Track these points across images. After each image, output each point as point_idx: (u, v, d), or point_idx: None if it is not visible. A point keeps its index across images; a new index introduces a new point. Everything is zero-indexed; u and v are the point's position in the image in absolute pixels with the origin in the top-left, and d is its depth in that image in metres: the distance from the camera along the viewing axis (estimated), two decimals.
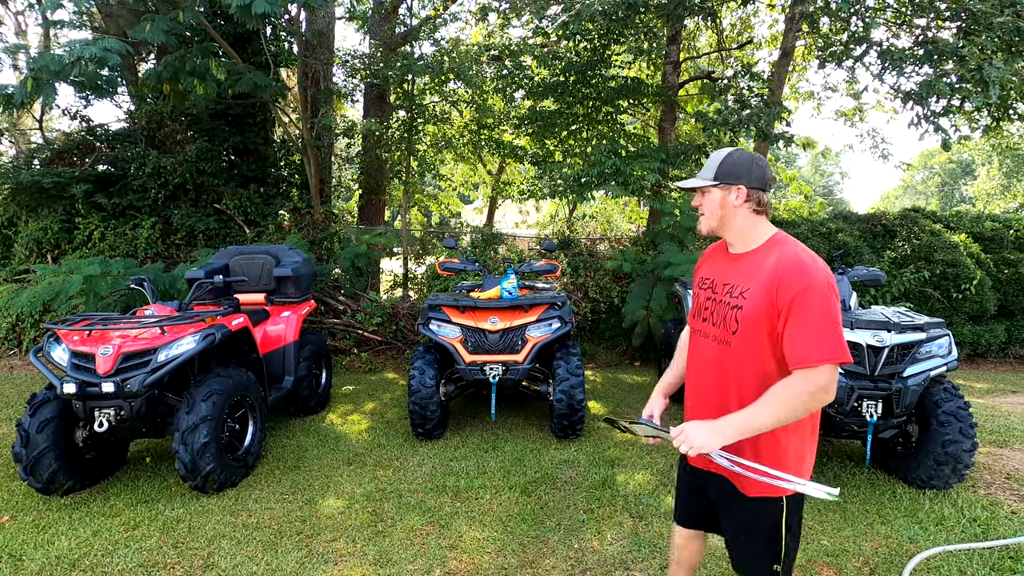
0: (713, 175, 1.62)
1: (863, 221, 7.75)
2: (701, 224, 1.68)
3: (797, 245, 1.54)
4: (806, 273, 1.44)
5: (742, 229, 1.62)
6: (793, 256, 1.49)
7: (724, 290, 1.63)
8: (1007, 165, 22.86)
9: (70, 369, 3.15)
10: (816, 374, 1.40)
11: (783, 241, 1.57)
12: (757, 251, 1.60)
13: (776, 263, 1.50)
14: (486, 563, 2.68)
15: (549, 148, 8.53)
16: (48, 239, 7.15)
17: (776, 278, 1.48)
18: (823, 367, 1.40)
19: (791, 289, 1.44)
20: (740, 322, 1.54)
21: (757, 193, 1.58)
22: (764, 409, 1.44)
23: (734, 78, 7.47)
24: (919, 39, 5.85)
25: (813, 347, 1.40)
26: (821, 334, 1.40)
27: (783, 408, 1.42)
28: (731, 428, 1.45)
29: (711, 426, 1.47)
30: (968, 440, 3.25)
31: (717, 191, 1.62)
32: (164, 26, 5.43)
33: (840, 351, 1.40)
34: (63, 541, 2.83)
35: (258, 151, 8.17)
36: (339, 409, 4.95)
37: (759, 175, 1.59)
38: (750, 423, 1.45)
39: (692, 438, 1.47)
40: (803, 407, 1.42)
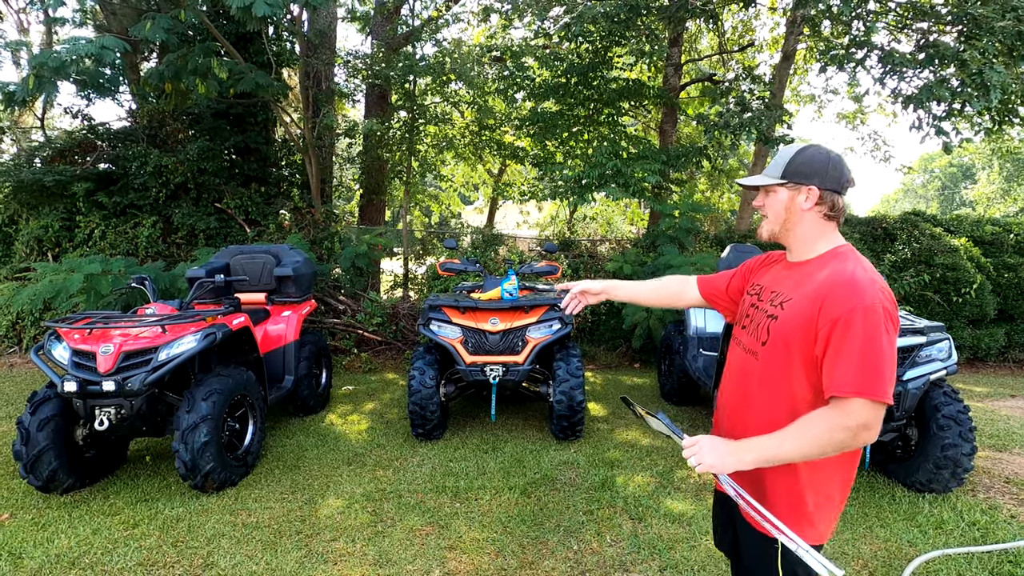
0: (781, 172, 1.42)
1: (863, 224, 7.75)
2: (762, 228, 1.50)
3: (860, 262, 1.33)
4: (857, 294, 1.24)
5: (806, 236, 1.43)
6: (847, 273, 1.29)
7: (768, 298, 1.47)
8: (1007, 169, 22.88)
9: (71, 367, 3.15)
10: (851, 407, 1.20)
11: (844, 255, 1.37)
12: (813, 261, 1.42)
13: (827, 278, 1.32)
14: (485, 564, 2.68)
15: (550, 149, 8.54)
16: (49, 237, 7.15)
17: (822, 295, 1.29)
18: (858, 401, 1.20)
19: (836, 309, 1.25)
20: (771, 333, 1.39)
21: (831, 196, 1.39)
22: (791, 438, 1.26)
23: (735, 81, 7.48)
24: (920, 43, 5.85)
25: (851, 376, 1.21)
26: (863, 363, 1.21)
27: (812, 441, 1.24)
28: (751, 453, 1.29)
29: (729, 447, 1.31)
30: (967, 444, 3.25)
31: (784, 191, 1.43)
32: (165, 24, 5.43)
33: (879, 387, 1.19)
34: (63, 539, 2.83)
35: (259, 151, 8.18)
36: (339, 409, 4.95)
37: (836, 175, 1.38)
38: (772, 451, 1.27)
39: (704, 454, 1.31)
40: (835, 443, 1.22)
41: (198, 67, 6.00)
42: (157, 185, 7.33)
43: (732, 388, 1.52)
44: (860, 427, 1.21)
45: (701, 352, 4.73)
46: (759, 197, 1.51)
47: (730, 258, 4.99)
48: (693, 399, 5.15)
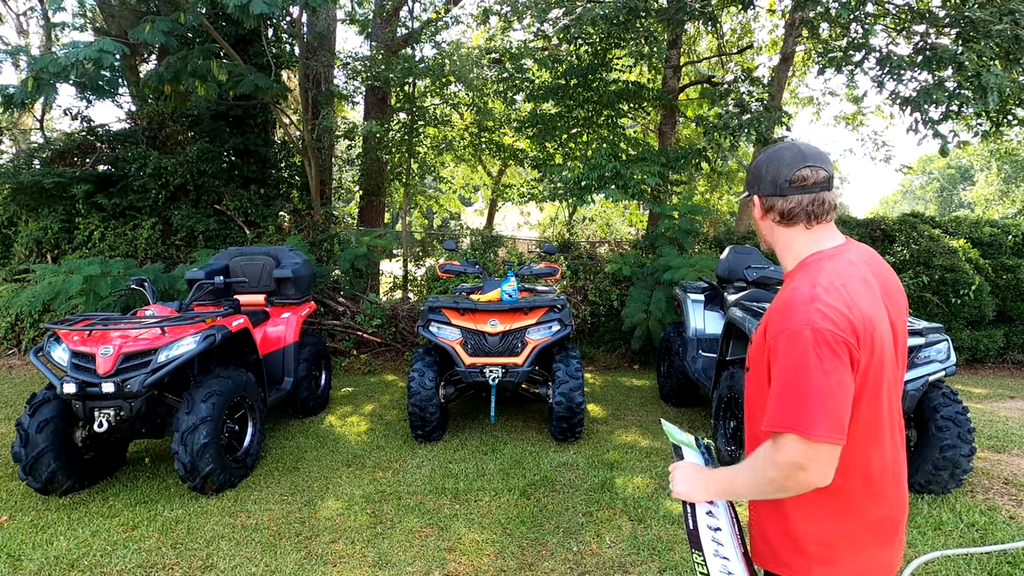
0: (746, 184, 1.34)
1: (862, 226, 7.76)
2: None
3: (818, 274, 1.16)
4: (785, 317, 1.12)
5: (779, 248, 1.31)
6: (787, 292, 1.18)
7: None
8: (1005, 171, 22.94)
9: (70, 369, 3.15)
10: (781, 443, 1.08)
11: (807, 266, 1.22)
12: (788, 275, 1.29)
13: (777, 297, 1.22)
14: (485, 565, 2.68)
15: (549, 151, 8.56)
16: (48, 239, 7.15)
17: (768, 316, 1.21)
18: (787, 436, 1.06)
19: (771, 332, 1.16)
20: (749, 359, 1.33)
21: (772, 201, 1.25)
22: (741, 473, 1.19)
23: (734, 83, 7.50)
24: (918, 46, 5.87)
25: (775, 408, 1.09)
26: (786, 394, 1.08)
27: (752, 478, 1.15)
28: (715, 484, 1.24)
29: (700, 477, 1.27)
30: (966, 445, 3.25)
31: (749, 204, 1.34)
32: (165, 27, 5.44)
33: (806, 421, 1.04)
34: (62, 541, 2.83)
35: (259, 152, 8.18)
36: (338, 411, 4.95)
37: (771, 176, 1.24)
38: (729, 484, 1.22)
39: (676, 480, 1.28)
40: (769, 481, 1.10)
41: (197, 69, 6.01)
42: (156, 187, 7.34)
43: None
44: (791, 465, 1.06)
45: (700, 353, 4.74)
46: None
47: (729, 259, 5.00)
48: (692, 400, 5.15)
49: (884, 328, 1.16)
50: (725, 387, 3.76)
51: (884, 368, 1.16)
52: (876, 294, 1.19)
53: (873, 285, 1.19)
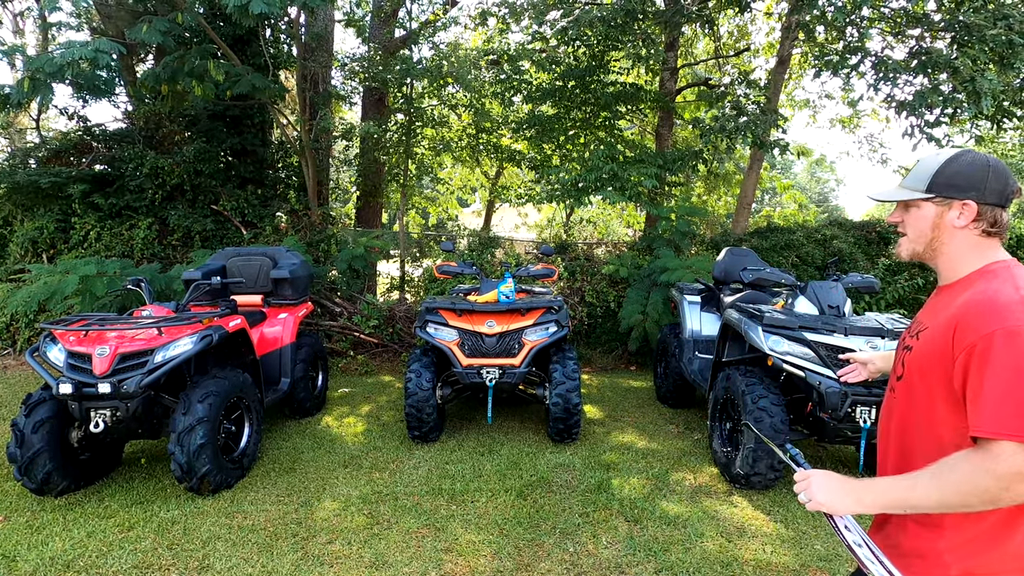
0: (927, 185, 1.22)
1: (858, 228, 7.80)
2: (901, 247, 1.31)
3: (1014, 279, 1.11)
4: (996, 315, 1.05)
5: (957, 256, 1.22)
6: (990, 291, 1.10)
7: (913, 330, 1.30)
8: None
9: (66, 369, 3.14)
10: (999, 451, 0.99)
11: (995, 272, 1.16)
12: (959, 283, 1.22)
13: (968, 298, 1.13)
14: (482, 566, 2.69)
15: (547, 152, 8.57)
16: (44, 239, 7.13)
17: (956, 318, 1.11)
18: (1008, 444, 0.98)
19: (971, 334, 1.06)
20: (906, 366, 1.23)
21: (993, 211, 1.17)
22: (926, 482, 1.07)
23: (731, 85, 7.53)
24: (913, 50, 5.91)
25: (993, 412, 1.00)
26: (1009, 398, 0.99)
27: (951, 488, 1.03)
28: (872, 495, 1.12)
29: (846, 486, 1.16)
30: None
31: (930, 207, 1.23)
32: (162, 27, 5.44)
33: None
34: (57, 542, 2.82)
35: (256, 152, 8.17)
36: (335, 411, 4.95)
37: (998, 187, 1.17)
38: (902, 496, 1.09)
39: (815, 490, 1.17)
40: (980, 493, 1.01)
41: (195, 69, 6.00)
42: (153, 187, 7.32)
43: (880, 429, 1.35)
44: (1013, 476, 0.98)
45: (697, 355, 4.75)
46: (896, 213, 1.31)
47: (725, 261, 5.02)
48: (689, 401, 5.16)
49: None
50: (721, 388, 3.77)
51: None
52: None
53: None
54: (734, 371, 3.66)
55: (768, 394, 3.39)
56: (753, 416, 3.32)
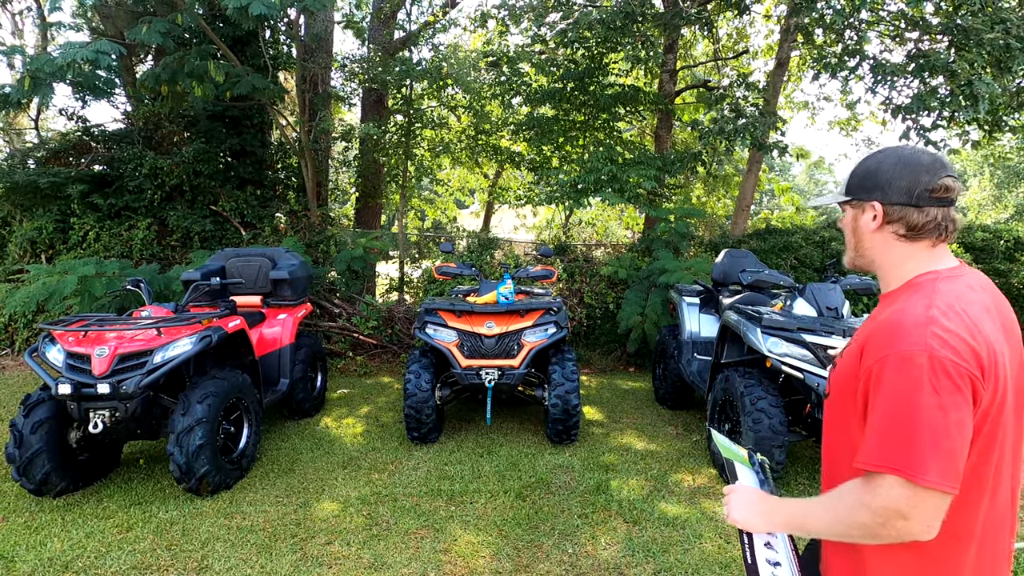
0: (846, 187, 1.17)
1: None
2: (844, 255, 1.25)
3: (935, 295, 1.02)
4: (895, 338, 0.98)
5: (888, 264, 1.14)
6: (900, 311, 1.02)
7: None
8: (998, 176, 23.13)
9: (65, 370, 3.14)
10: (880, 486, 0.94)
11: (920, 285, 1.07)
12: (890, 295, 1.14)
13: (884, 316, 1.06)
14: (481, 567, 2.69)
15: (546, 154, 8.58)
16: (43, 239, 7.12)
17: (868, 336, 1.06)
18: (887, 478, 0.93)
19: (870, 358, 1.01)
20: (832, 384, 1.18)
21: (902, 211, 1.08)
22: (818, 510, 1.05)
23: (730, 87, 7.55)
24: (911, 53, 5.94)
25: (874, 444, 0.96)
26: (890, 429, 0.94)
27: (835, 517, 1.01)
28: (780, 515, 1.12)
29: (763, 505, 1.15)
30: None
31: (849, 210, 1.18)
32: (162, 28, 5.44)
33: (913, 462, 0.91)
34: (56, 543, 2.82)
35: (255, 153, 8.17)
36: (334, 412, 4.94)
37: (904, 184, 1.07)
38: (799, 520, 1.08)
39: (734, 506, 1.17)
40: (858, 526, 0.97)
41: (195, 70, 6.00)
42: (152, 187, 7.32)
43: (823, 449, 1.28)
44: (890, 512, 0.93)
45: (695, 356, 4.76)
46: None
47: (724, 263, 5.03)
48: (687, 403, 5.17)
49: (1005, 364, 1.00)
50: (720, 390, 3.78)
51: (1004, 411, 1.00)
52: (998, 326, 1.03)
53: (995, 316, 1.04)
54: (733, 372, 3.67)
55: (767, 395, 3.40)
56: (752, 417, 3.33)
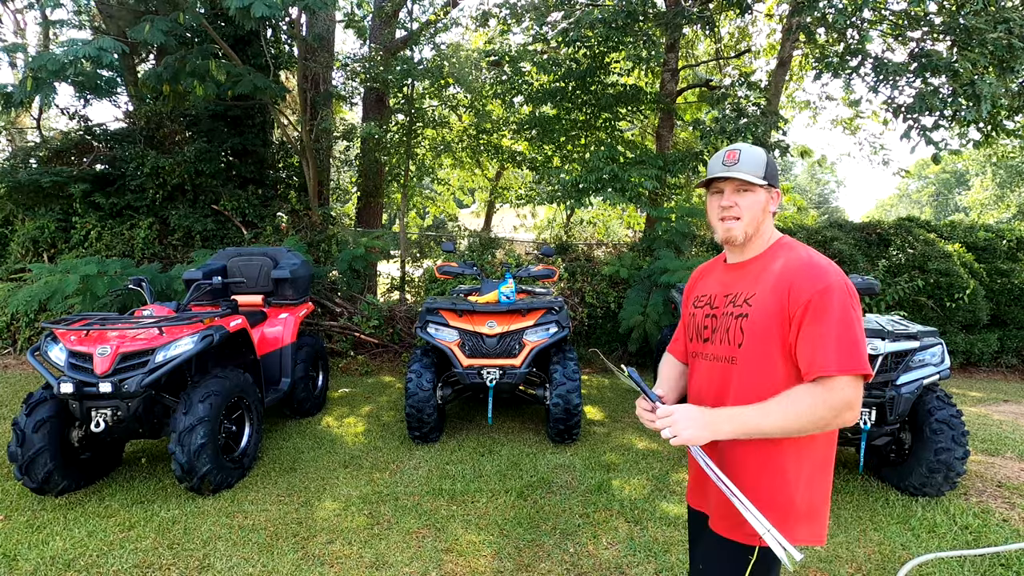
0: (763, 173, 1.40)
1: (858, 230, 7.81)
2: (735, 230, 1.42)
3: (808, 248, 1.39)
4: (823, 275, 1.28)
5: (763, 232, 1.44)
6: (804, 258, 1.34)
7: (725, 302, 1.44)
8: (1000, 176, 23.09)
9: (67, 369, 3.15)
10: (836, 386, 1.22)
11: (791, 244, 1.42)
12: (762, 256, 1.43)
13: (785, 265, 1.34)
14: (482, 566, 2.69)
15: (547, 153, 8.57)
16: (45, 238, 7.13)
17: (787, 280, 1.31)
18: (843, 379, 1.22)
19: (806, 292, 1.27)
20: (746, 332, 1.35)
21: (779, 196, 1.46)
22: (775, 410, 1.24)
23: (732, 87, 7.54)
24: (913, 53, 5.92)
25: (832, 355, 1.22)
26: (841, 341, 1.23)
27: (797, 416, 1.23)
28: (727, 424, 1.27)
29: (705, 417, 1.28)
30: (960, 448, 3.28)
31: (763, 193, 1.41)
32: (164, 27, 5.45)
33: (862, 362, 1.22)
34: (58, 541, 2.82)
35: (257, 153, 8.18)
36: (335, 412, 4.95)
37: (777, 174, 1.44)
38: (755, 422, 1.25)
39: (681, 428, 1.27)
40: (818, 420, 1.23)
41: (196, 69, 6.01)
42: (154, 186, 7.33)
43: (708, 404, 1.43)
44: (844, 405, 1.22)
45: None
46: (728, 195, 1.42)
47: None
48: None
49: None
50: None
51: None
52: None
53: None
54: None
55: None
56: None
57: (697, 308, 1.54)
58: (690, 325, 1.57)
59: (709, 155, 7.17)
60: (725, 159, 1.41)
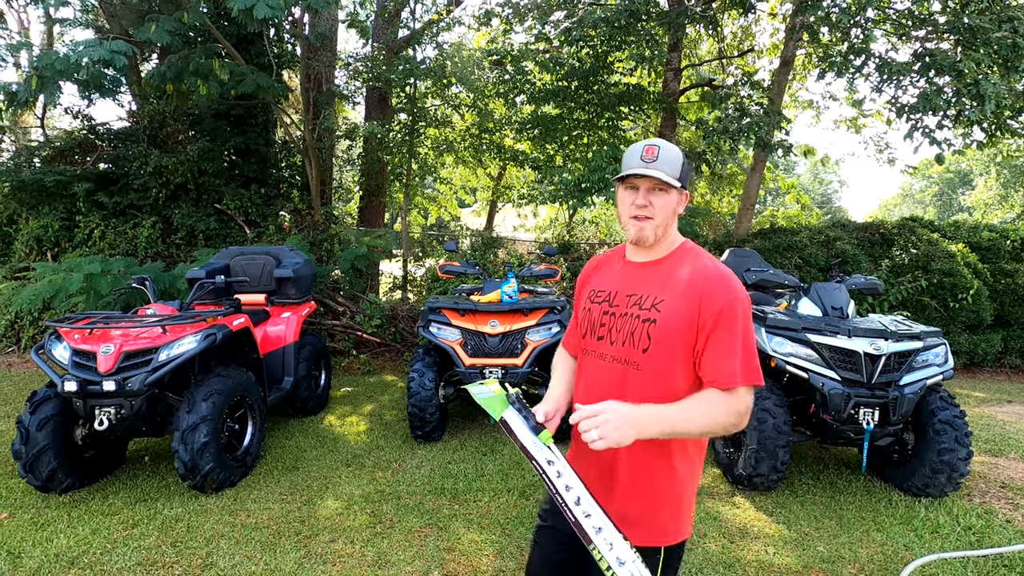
0: (678, 175, 1.37)
1: (861, 230, 7.79)
2: (647, 230, 1.38)
3: (710, 256, 1.41)
4: (731, 288, 1.31)
5: (668, 233, 1.42)
6: (714, 268, 1.35)
7: (629, 302, 1.40)
8: (1005, 175, 23.00)
9: (71, 367, 3.16)
10: (740, 394, 1.28)
11: (695, 250, 1.42)
12: (668, 259, 1.41)
13: (694, 274, 1.35)
14: (484, 566, 2.69)
15: (550, 153, 8.57)
16: (48, 237, 7.15)
17: (698, 289, 1.32)
18: (743, 389, 1.28)
19: (716, 303, 1.29)
20: (653, 338, 1.33)
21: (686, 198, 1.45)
22: (696, 412, 1.26)
23: (735, 86, 7.52)
24: (917, 52, 5.90)
25: (739, 366, 1.27)
26: (745, 353, 1.28)
27: (712, 419, 1.26)
28: (655, 425, 1.22)
29: (634, 418, 1.20)
30: (963, 449, 3.27)
31: (676, 194, 1.39)
32: (168, 27, 5.46)
33: (760, 374, 1.30)
34: (62, 539, 2.83)
35: (259, 152, 8.19)
36: (337, 410, 4.96)
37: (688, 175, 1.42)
38: (679, 423, 1.24)
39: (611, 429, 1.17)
40: (727, 425, 1.28)
41: (200, 68, 6.02)
42: (157, 186, 7.34)
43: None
44: (746, 411, 1.29)
45: None
46: (644, 194, 1.37)
47: (728, 262, 5.01)
48: None
49: None
50: None
51: None
52: None
53: None
54: None
55: (771, 395, 3.39)
56: (756, 417, 3.32)
57: (594, 303, 1.48)
58: (584, 320, 1.49)
59: (712, 155, 7.16)
60: (644, 154, 1.36)
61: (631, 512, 1.36)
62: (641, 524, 1.35)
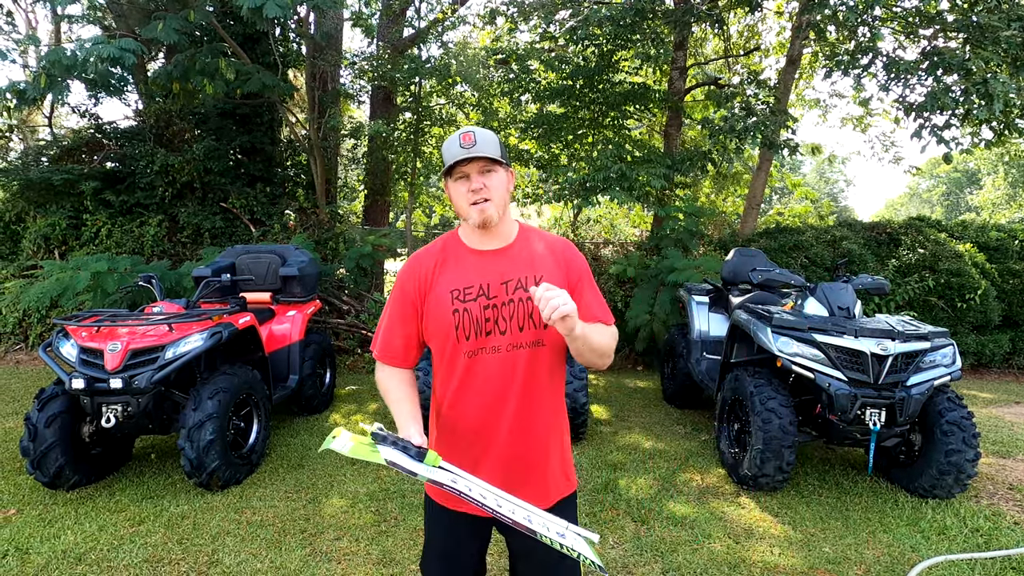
0: (500, 154, 1.38)
1: (868, 229, 7.75)
2: (489, 210, 1.38)
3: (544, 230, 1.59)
4: (579, 251, 1.57)
5: (506, 215, 1.47)
6: (560, 239, 1.56)
7: (508, 288, 1.41)
8: (1013, 175, 22.83)
9: (79, 365, 3.18)
10: (614, 329, 1.55)
11: (533, 229, 1.57)
12: (519, 240, 1.49)
13: (549, 246, 1.51)
14: (487, 564, 2.69)
15: (555, 152, 8.56)
16: (56, 235, 7.20)
17: (561, 257, 1.50)
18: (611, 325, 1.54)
19: (576, 265, 1.52)
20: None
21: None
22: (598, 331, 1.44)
23: (740, 85, 7.49)
24: (925, 51, 5.86)
25: (605, 309, 1.54)
26: (602, 299, 1.56)
27: (607, 341, 1.46)
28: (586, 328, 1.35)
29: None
30: (971, 450, 3.25)
31: (503, 172, 1.42)
32: (176, 25, 5.48)
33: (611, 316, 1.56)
34: (69, 535, 2.85)
35: (265, 151, 8.22)
36: (342, 409, 4.97)
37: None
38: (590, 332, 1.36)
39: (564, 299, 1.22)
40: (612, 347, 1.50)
41: (206, 67, 6.05)
42: (163, 184, 7.38)
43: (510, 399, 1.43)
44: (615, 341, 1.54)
45: (705, 356, 4.74)
46: (476, 178, 1.37)
47: (734, 262, 4.99)
48: (696, 402, 5.15)
49: None
50: (729, 389, 3.76)
51: None
52: None
53: None
54: (742, 372, 3.65)
55: (777, 395, 3.38)
56: (761, 417, 3.31)
57: (464, 302, 1.41)
58: (462, 322, 1.41)
59: (718, 154, 7.14)
60: (463, 142, 1.35)
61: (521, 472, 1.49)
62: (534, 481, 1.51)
